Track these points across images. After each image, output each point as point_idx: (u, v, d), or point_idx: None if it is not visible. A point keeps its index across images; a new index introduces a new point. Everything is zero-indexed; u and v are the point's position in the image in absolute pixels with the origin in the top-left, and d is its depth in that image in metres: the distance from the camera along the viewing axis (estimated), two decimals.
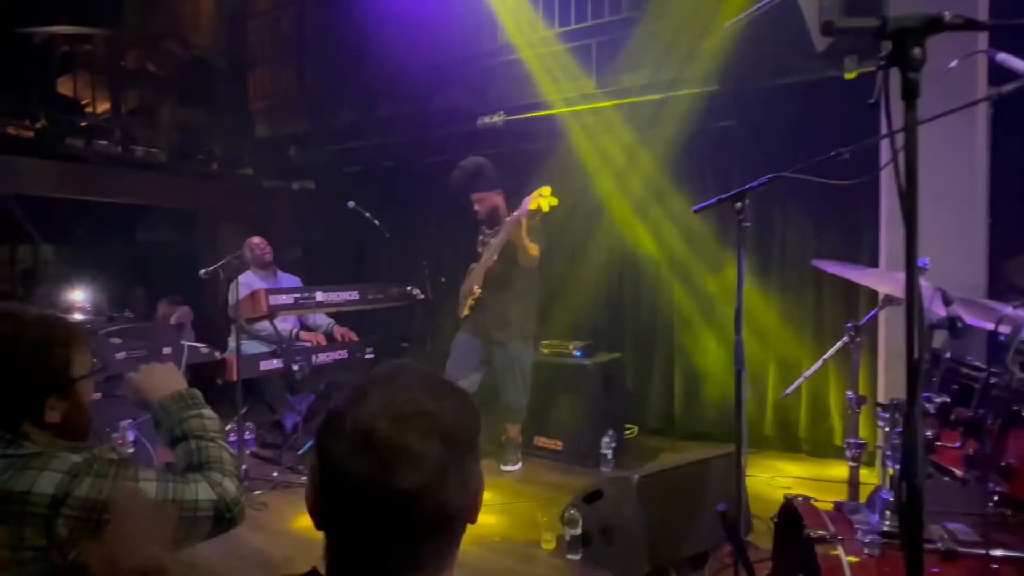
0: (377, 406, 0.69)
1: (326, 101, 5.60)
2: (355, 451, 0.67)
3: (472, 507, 0.74)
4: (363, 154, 5.59)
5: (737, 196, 2.02)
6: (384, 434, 0.66)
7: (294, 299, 3.50)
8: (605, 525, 2.51)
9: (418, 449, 0.67)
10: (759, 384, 3.94)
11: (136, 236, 6.60)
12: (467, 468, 0.71)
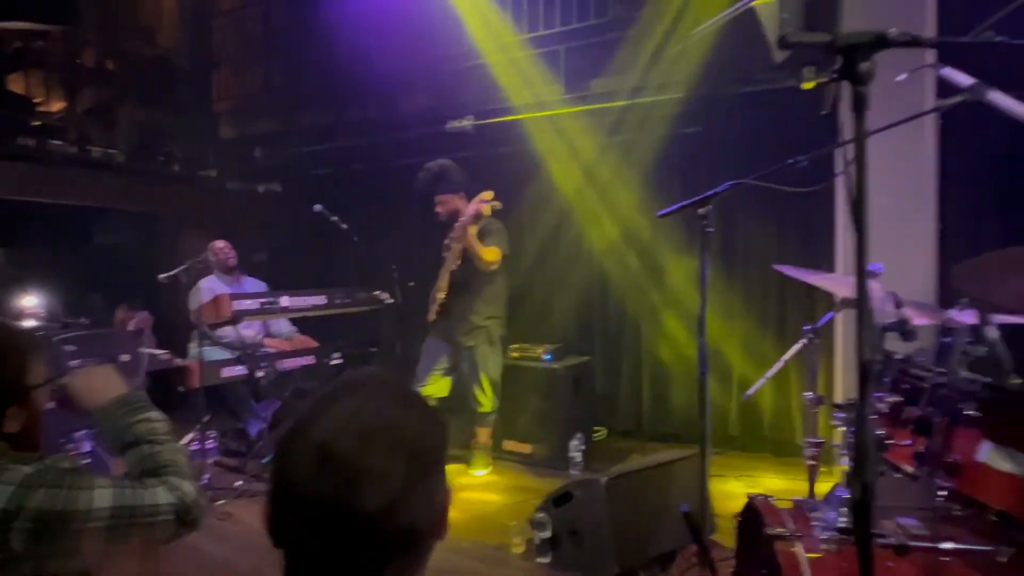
0: (337, 421, 0.66)
1: (293, 102, 5.51)
2: (314, 470, 0.63)
3: (440, 523, 0.71)
4: (331, 156, 5.52)
5: (701, 202, 2.07)
6: (344, 452, 0.63)
7: (259, 304, 3.43)
8: (574, 527, 2.53)
9: (381, 468, 0.64)
10: (725, 386, 4.02)
11: (93, 239, 6.39)
12: (433, 484, 0.69)
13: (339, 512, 0.63)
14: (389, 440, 0.66)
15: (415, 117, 4.88)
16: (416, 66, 4.72)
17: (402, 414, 0.69)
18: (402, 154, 5.03)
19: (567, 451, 3.72)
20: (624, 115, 4.10)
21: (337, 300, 3.83)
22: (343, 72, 4.98)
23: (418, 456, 0.67)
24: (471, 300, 3.65)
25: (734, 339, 4.04)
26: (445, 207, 3.68)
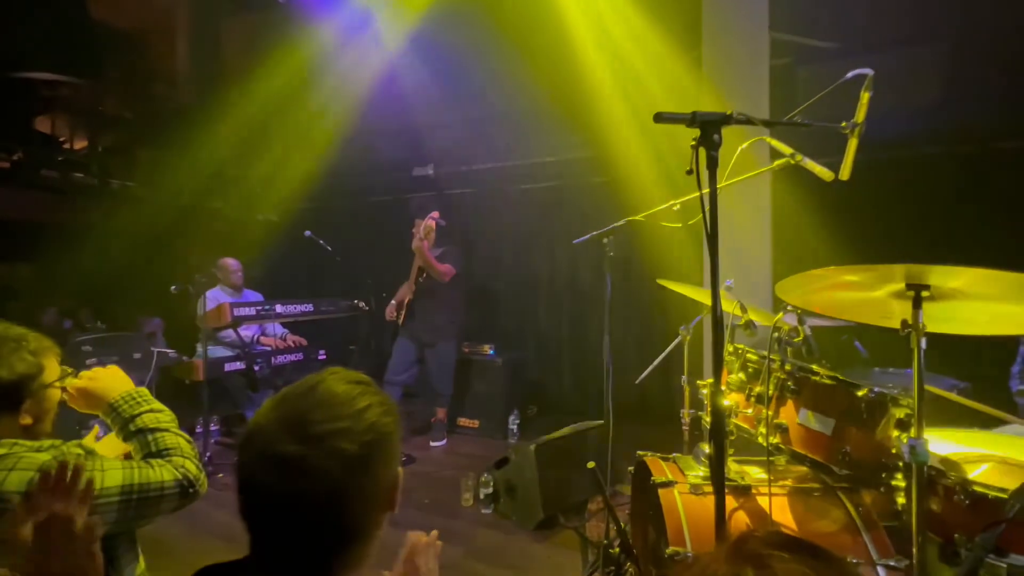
0: (288, 419, 0.60)
1: (287, 148, 5.32)
2: (264, 463, 0.58)
3: (388, 499, 0.65)
4: (318, 193, 5.35)
5: (604, 233, 2.14)
6: (290, 450, 0.58)
7: (256, 311, 3.27)
8: (510, 484, 2.53)
9: (324, 463, 0.58)
10: (626, 370, 4.10)
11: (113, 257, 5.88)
12: (379, 471, 0.63)
13: (286, 501, 0.58)
14: (336, 438, 0.60)
15: (386, 164, 4.80)
16: (387, 124, 4.66)
17: (354, 408, 0.63)
18: (375, 192, 4.93)
19: (507, 425, 3.72)
20: (551, 167, 4.19)
21: (322, 308, 3.70)
22: (327, 123, 4.85)
23: (368, 447, 0.61)
24: (434, 305, 3.61)
25: (631, 335, 4.15)
26: (417, 229, 3.65)
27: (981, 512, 1.07)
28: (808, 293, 1.40)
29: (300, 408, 0.62)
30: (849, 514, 1.39)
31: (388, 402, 0.68)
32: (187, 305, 3.71)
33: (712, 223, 1.11)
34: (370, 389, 0.68)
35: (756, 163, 2.30)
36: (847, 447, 1.34)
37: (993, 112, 2.75)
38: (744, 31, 2.99)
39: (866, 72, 1.31)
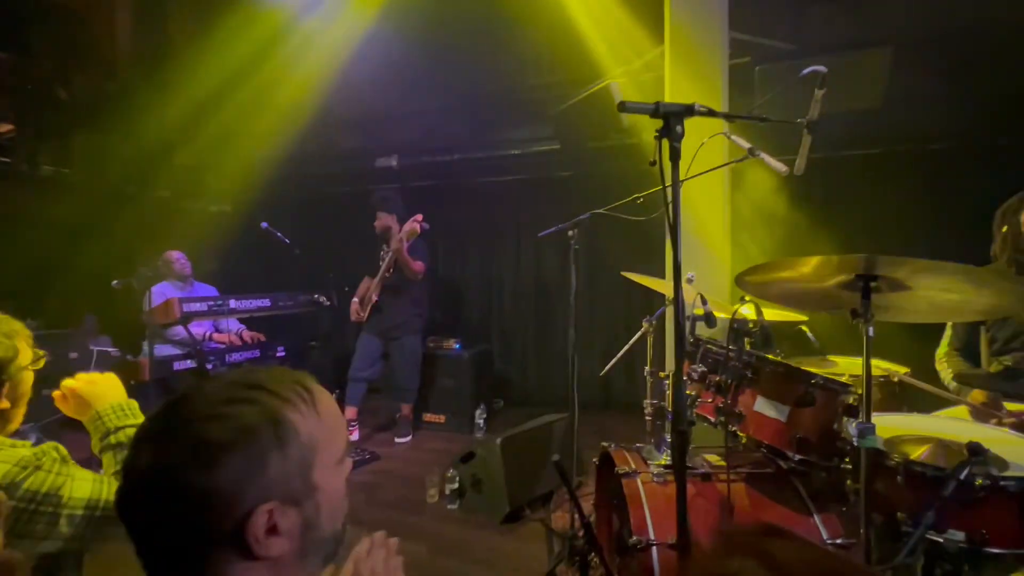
0: (168, 422, 0.54)
1: (242, 135, 5.05)
2: (140, 461, 0.53)
3: (243, 543, 0.53)
4: (275, 183, 5.12)
5: (569, 227, 2.13)
6: (153, 457, 0.53)
7: (207, 306, 3.09)
8: (476, 478, 2.51)
9: (185, 475, 0.51)
10: (591, 363, 4.15)
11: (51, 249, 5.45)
12: (266, 477, 0.53)
13: (156, 501, 0.52)
14: (207, 445, 0.52)
15: (348, 154, 4.65)
16: (350, 112, 4.50)
17: (232, 409, 0.54)
18: (338, 183, 4.77)
19: (473, 419, 3.69)
20: (517, 161, 4.16)
21: (280, 303, 3.55)
22: (286, 110, 4.64)
23: (243, 452, 0.53)
24: (402, 301, 3.55)
25: (596, 328, 4.20)
26: (380, 222, 3.58)
27: (923, 491, 1.13)
28: (764, 285, 1.44)
29: (193, 400, 0.56)
30: (801, 497, 1.44)
31: (264, 411, 0.56)
32: (131, 301, 3.49)
33: (675, 214, 1.11)
34: (245, 396, 0.56)
35: (716, 159, 2.35)
36: (800, 433, 1.38)
37: (933, 114, 2.91)
38: (705, 29, 3.05)
39: (820, 69, 1.35)
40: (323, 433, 0.60)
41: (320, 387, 0.64)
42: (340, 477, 0.62)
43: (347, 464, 0.64)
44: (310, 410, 0.59)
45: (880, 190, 3.19)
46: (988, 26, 2.74)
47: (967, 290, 1.14)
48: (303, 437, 0.57)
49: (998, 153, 2.85)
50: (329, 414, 0.62)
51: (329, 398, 0.64)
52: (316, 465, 0.58)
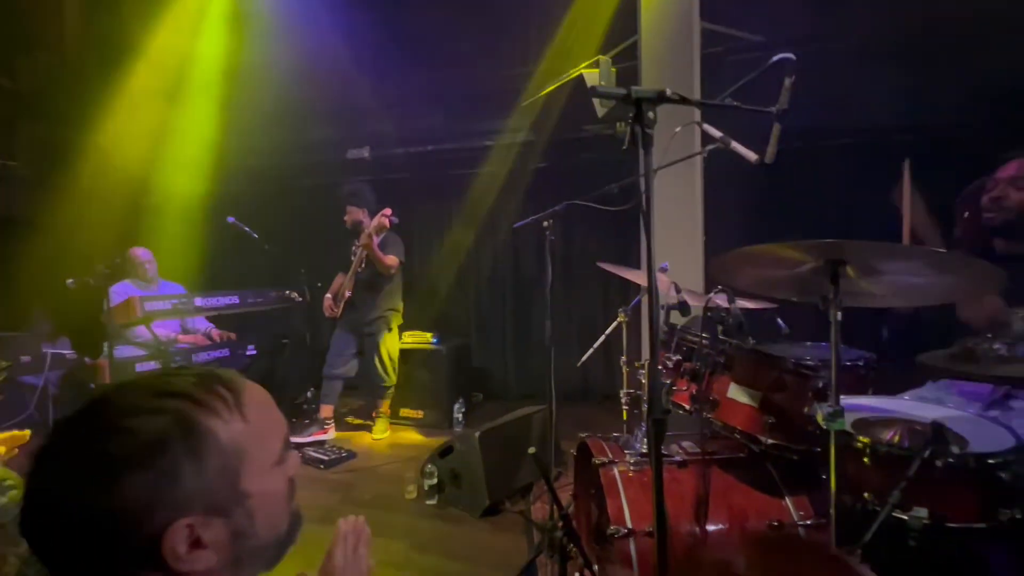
0: (69, 437, 0.50)
1: None
2: (41, 481, 0.49)
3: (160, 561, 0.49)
4: (242, 175, 4.94)
5: (545, 217, 2.11)
6: (53, 478, 0.49)
7: (171, 304, 2.98)
8: (455, 473, 2.48)
9: (87, 488, 0.48)
10: (569, 354, 4.16)
11: None
12: (180, 491, 0.49)
13: (58, 550, 0.49)
14: (109, 455, 0.49)
15: (319, 144, 4.52)
16: (320, 100, 4.37)
17: (139, 418, 0.50)
18: (308, 175, 4.64)
19: (452, 414, 3.66)
20: (490, 152, 4.12)
21: (249, 300, 3.44)
22: (253, 100, 4.48)
23: (147, 460, 0.49)
24: (375, 296, 3.48)
25: (575, 318, 4.21)
26: (350, 217, 3.49)
27: (889, 471, 1.15)
28: (735, 273, 1.45)
29: (102, 405, 0.52)
30: (774, 480, 1.47)
31: (175, 421, 0.51)
32: (89, 300, 3.32)
33: (647, 200, 1.10)
34: (154, 405, 0.52)
35: (690, 149, 2.36)
36: (772, 417, 1.41)
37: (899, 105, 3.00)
38: (678, 20, 3.06)
39: (789, 57, 1.36)
40: (251, 437, 0.55)
41: (252, 386, 0.60)
42: (278, 479, 0.58)
43: (289, 464, 0.61)
44: (233, 414, 0.55)
45: (851, 179, 3.27)
46: (953, 20, 2.83)
47: (932, 274, 1.17)
48: (224, 444, 0.53)
49: (961, 143, 2.96)
50: (259, 415, 0.57)
51: (261, 397, 0.60)
52: (244, 472, 0.54)
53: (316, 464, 3.03)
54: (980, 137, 1.76)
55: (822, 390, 1.35)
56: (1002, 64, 2.64)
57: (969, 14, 2.75)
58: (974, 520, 1.12)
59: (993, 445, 1.16)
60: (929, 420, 1.17)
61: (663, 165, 1.87)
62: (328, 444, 3.30)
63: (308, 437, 3.33)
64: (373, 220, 3.25)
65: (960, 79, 2.79)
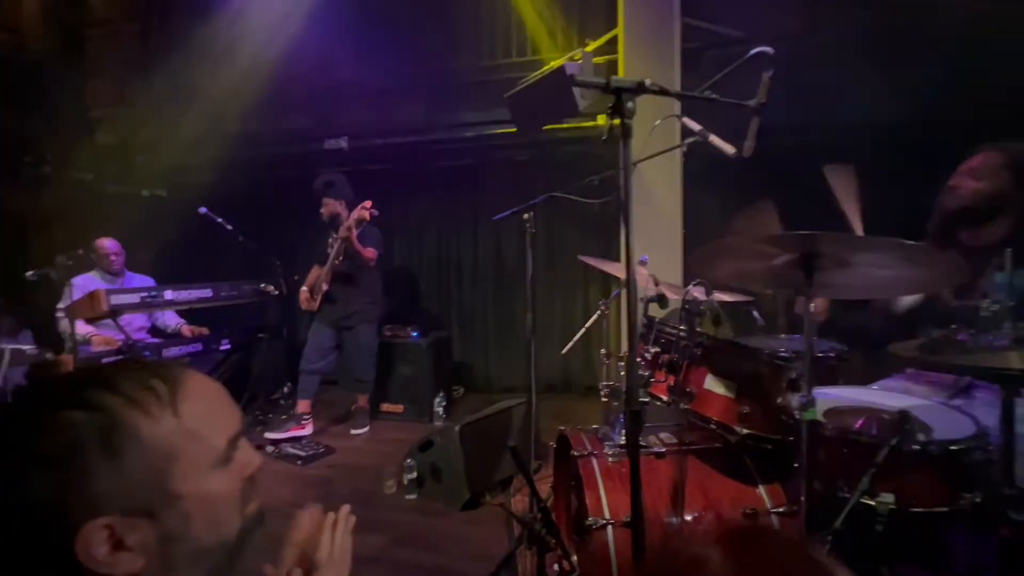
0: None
1: (176, 114, 4.69)
2: None
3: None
4: (216, 165, 4.79)
5: (525, 209, 2.10)
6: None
7: (140, 298, 2.87)
8: (435, 467, 2.47)
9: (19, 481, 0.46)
10: (551, 347, 4.18)
11: None
12: (94, 491, 0.47)
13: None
14: (32, 453, 0.47)
15: (294, 134, 4.41)
16: (295, 88, 4.26)
17: (62, 412, 0.48)
18: (282, 166, 4.52)
19: (433, 408, 3.64)
20: (473, 143, 4.07)
21: (223, 293, 3.34)
22: (226, 89, 4.34)
23: (70, 464, 0.47)
24: (354, 289, 3.42)
25: (555, 311, 4.22)
26: (327, 208, 3.42)
27: (858, 458, 1.19)
28: (712, 266, 1.46)
29: (23, 404, 0.50)
30: (749, 470, 1.50)
31: (93, 417, 0.49)
32: (50, 294, 3.19)
33: (626, 192, 1.10)
34: (75, 398, 0.49)
35: (670, 142, 2.37)
36: (746, 408, 1.43)
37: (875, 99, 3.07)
38: (658, 13, 3.07)
39: (767, 50, 1.37)
40: (184, 435, 0.52)
41: (198, 380, 0.56)
42: (222, 480, 0.55)
43: (239, 464, 0.57)
44: (163, 410, 0.52)
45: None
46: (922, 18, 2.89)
47: (901, 266, 1.19)
48: (149, 442, 0.50)
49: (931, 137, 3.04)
50: (198, 411, 0.54)
51: (207, 391, 0.56)
52: (175, 472, 0.51)
53: (293, 460, 2.98)
54: (955, 132, 1.81)
55: (795, 381, 1.38)
56: (976, 60, 2.72)
57: (945, 12, 2.82)
58: (938, 505, 1.16)
59: (956, 432, 1.20)
60: (896, 409, 1.21)
61: (643, 158, 1.88)
62: (306, 440, 3.25)
63: (285, 433, 3.27)
64: (353, 213, 3.19)
65: (935, 75, 2.87)
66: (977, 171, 1.50)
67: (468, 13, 4.01)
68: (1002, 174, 1.45)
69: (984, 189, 1.47)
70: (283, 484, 2.70)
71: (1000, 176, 1.46)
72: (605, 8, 3.43)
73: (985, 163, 1.49)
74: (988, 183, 1.47)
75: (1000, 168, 1.46)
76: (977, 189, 1.49)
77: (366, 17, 4.12)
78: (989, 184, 1.47)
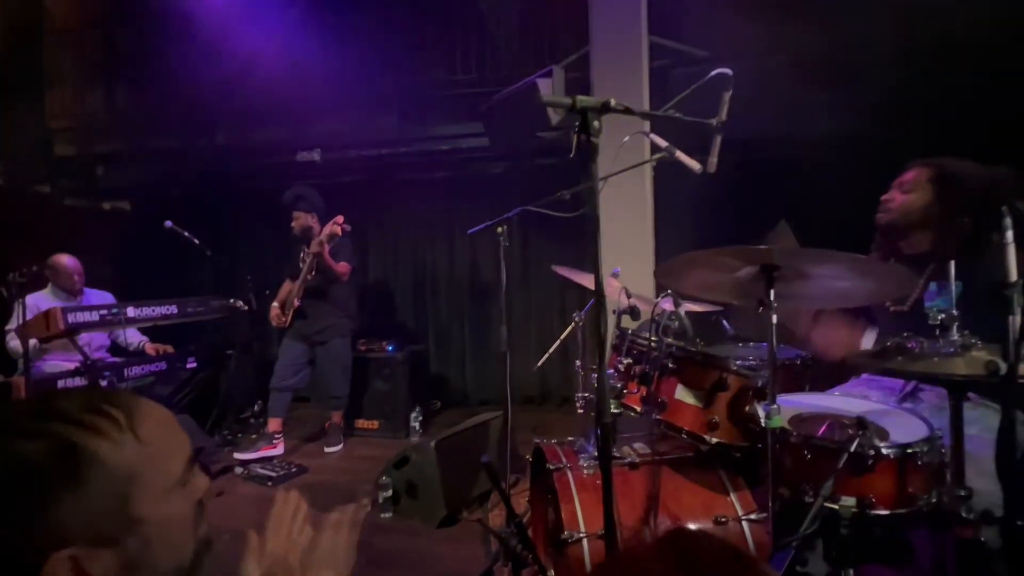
0: None
1: (140, 125, 4.57)
2: None
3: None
4: (182, 178, 4.68)
5: (499, 223, 2.12)
6: None
7: (99, 316, 2.76)
8: (411, 483, 2.43)
9: None
10: (528, 359, 4.18)
11: None
12: (57, 521, 0.47)
13: None
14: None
15: (266, 146, 4.34)
16: (267, 100, 4.21)
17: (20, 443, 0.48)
18: (254, 179, 4.44)
19: (409, 423, 3.59)
20: (447, 156, 4.09)
21: (189, 309, 3.24)
22: (192, 99, 4.26)
23: (35, 486, 0.47)
24: (327, 304, 3.37)
25: (532, 323, 4.23)
26: (298, 222, 3.37)
27: (821, 464, 1.23)
28: (680, 278, 1.51)
29: None
30: (719, 478, 1.53)
31: (52, 445, 0.48)
32: (4, 313, 3.04)
33: (594, 207, 1.12)
34: (29, 428, 0.48)
35: (639, 158, 2.43)
36: (715, 417, 1.46)
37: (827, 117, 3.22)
38: (626, 32, 3.16)
39: (726, 72, 1.43)
40: (145, 458, 0.52)
41: (149, 404, 0.56)
42: (180, 503, 0.55)
43: (195, 485, 0.57)
44: (124, 435, 0.52)
45: (787, 186, 3.46)
46: (871, 39, 3.07)
47: (854, 277, 1.25)
48: (112, 468, 0.50)
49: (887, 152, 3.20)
50: (155, 434, 0.54)
51: (160, 415, 0.57)
52: (137, 496, 0.51)
53: (264, 481, 2.89)
54: (910, 147, 1.93)
55: (762, 389, 1.42)
56: (931, 78, 2.90)
57: (899, 32, 2.99)
58: (897, 506, 1.21)
59: (910, 435, 1.26)
60: (855, 415, 1.26)
61: (612, 173, 1.92)
62: (277, 460, 3.16)
63: (255, 453, 3.18)
64: (324, 228, 3.16)
65: (881, 93, 3.03)
66: (906, 185, 1.59)
67: (442, 26, 4.06)
68: (928, 187, 1.55)
69: (911, 202, 1.57)
70: (252, 506, 2.61)
71: (926, 189, 1.55)
72: (577, 25, 3.52)
73: (914, 177, 1.59)
74: (915, 196, 1.57)
75: (926, 182, 1.56)
76: (904, 202, 1.58)
77: (340, 27, 4.12)
78: (916, 197, 1.56)
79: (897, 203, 1.60)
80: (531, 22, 3.91)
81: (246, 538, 0.68)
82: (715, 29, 3.33)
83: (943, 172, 1.55)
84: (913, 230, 1.60)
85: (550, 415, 4.04)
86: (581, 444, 1.76)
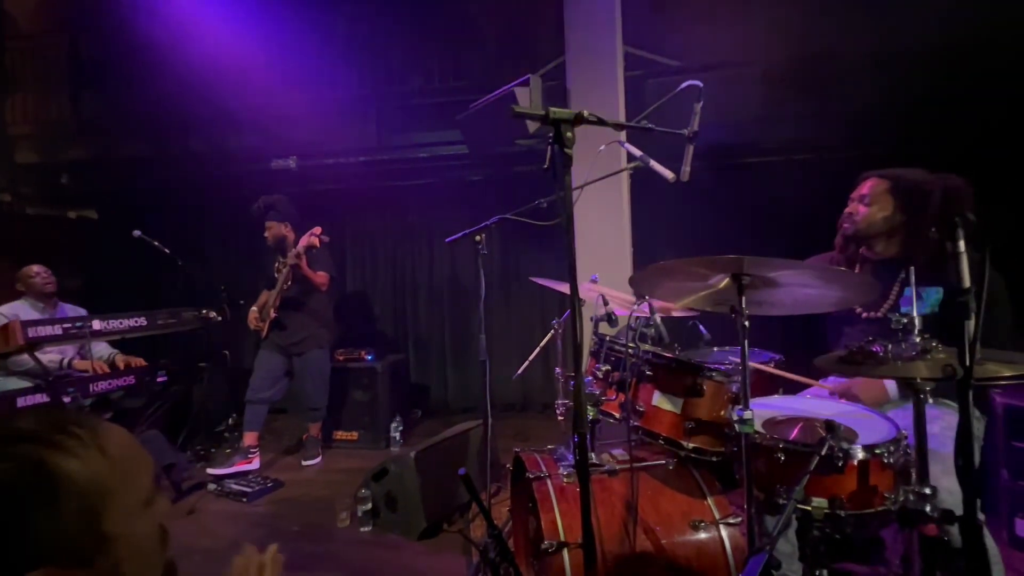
0: None
1: (107, 132, 4.44)
2: None
3: None
4: (153, 187, 4.55)
5: (477, 231, 2.11)
6: None
7: (62, 329, 2.65)
8: (390, 496, 2.40)
9: None
10: (508, 366, 4.17)
11: None
12: (32, 541, 0.47)
13: None
14: None
15: (240, 153, 4.26)
16: (241, 106, 4.13)
17: None
18: (227, 187, 4.35)
19: (389, 433, 3.54)
20: (426, 164, 4.08)
21: (159, 321, 3.13)
22: (163, 105, 4.16)
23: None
24: (304, 314, 3.31)
25: (512, 331, 4.23)
26: (271, 232, 3.31)
27: (794, 466, 1.25)
28: (657, 285, 1.52)
29: None
30: (696, 482, 1.54)
31: (22, 465, 0.48)
32: None
33: (568, 217, 1.13)
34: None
35: (615, 166, 2.47)
36: (692, 423, 1.48)
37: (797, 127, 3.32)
38: (601, 42, 3.21)
39: (697, 84, 1.46)
40: (115, 473, 0.52)
41: (110, 425, 0.56)
42: (148, 520, 0.55)
43: (160, 504, 0.57)
44: (91, 452, 0.51)
45: (759, 192, 3.55)
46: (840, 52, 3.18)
47: (819, 285, 1.29)
48: (82, 483, 0.49)
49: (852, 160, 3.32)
50: (122, 453, 0.54)
51: (121, 436, 0.56)
52: (108, 512, 0.50)
53: (239, 497, 2.81)
54: (877, 155, 2.00)
55: (737, 393, 1.44)
56: (898, 88, 3.02)
57: (866, 43, 3.11)
58: (866, 506, 1.24)
59: (878, 436, 1.29)
60: (825, 417, 1.29)
61: (588, 182, 1.94)
62: (252, 475, 3.08)
63: (230, 468, 3.09)
64: (301, 240, 3.11)
65: (848, 104, 3.14)
66: (867, 198, 1.66)
67: (421, 34, 4.06)
68: (887, 198, 1.62)
69: (873, 214, 1.64)
70: (227, 523, 2.54)
71: (887, 200, 1.62)
72: (555, 34, 3.56)
73: (872, 189, 1.65)
74: (877, 207, 1.63)
75: (885, 193, 1.63)
76: (867, 214, 1.65)
77: (317, 33, 4.09)
78: (878, 208, 1.63)
79: (861, 215, 1.67)
80: (509, 30, 3.94)
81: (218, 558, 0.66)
82: (688, 40, 3.41)
83: (901, 183, 1.62)
84: (879, 238, 1.66)
85: (531, 421, 4.03)
86: (561, 452, 1.76)
